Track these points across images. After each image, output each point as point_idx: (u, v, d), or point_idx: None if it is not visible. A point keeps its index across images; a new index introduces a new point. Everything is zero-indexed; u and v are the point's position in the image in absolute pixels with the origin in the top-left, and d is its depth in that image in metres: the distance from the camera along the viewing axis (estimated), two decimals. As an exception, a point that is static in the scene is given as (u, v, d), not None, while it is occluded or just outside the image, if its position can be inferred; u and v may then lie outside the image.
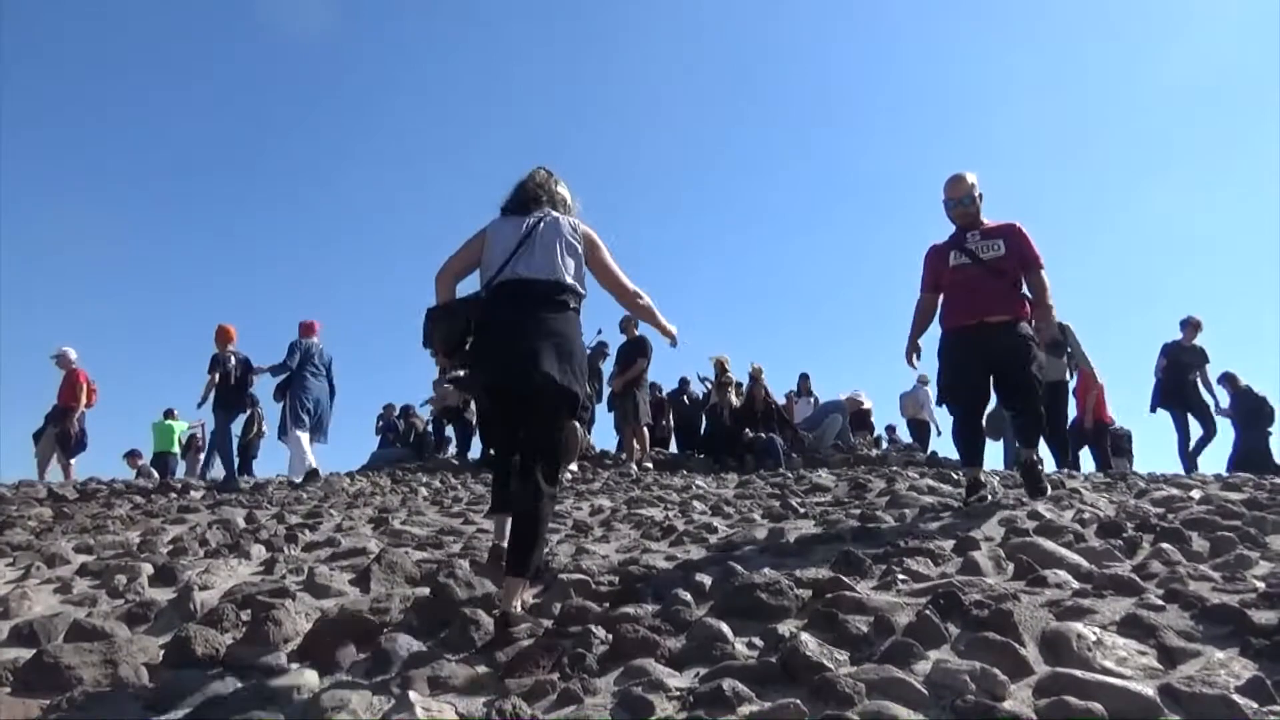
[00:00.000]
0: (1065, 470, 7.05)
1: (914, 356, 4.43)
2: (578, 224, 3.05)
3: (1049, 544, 3.12)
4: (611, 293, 3.17)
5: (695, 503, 5.21)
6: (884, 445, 11.22)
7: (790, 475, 6.51)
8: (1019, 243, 4.16)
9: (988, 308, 4.08)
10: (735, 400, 9.53)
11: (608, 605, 2.74)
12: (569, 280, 2.90)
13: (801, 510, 4.53)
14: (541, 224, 2.95)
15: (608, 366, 9.68)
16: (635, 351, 9.19)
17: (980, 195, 4.29)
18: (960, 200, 4.25)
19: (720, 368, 9.80)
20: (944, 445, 11.71)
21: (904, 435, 12.79)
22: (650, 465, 8.84)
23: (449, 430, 11.42)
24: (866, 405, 12.01)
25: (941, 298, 4.35)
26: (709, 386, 10.32)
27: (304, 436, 8.14)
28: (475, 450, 10.56)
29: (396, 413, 12.25)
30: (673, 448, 10.94)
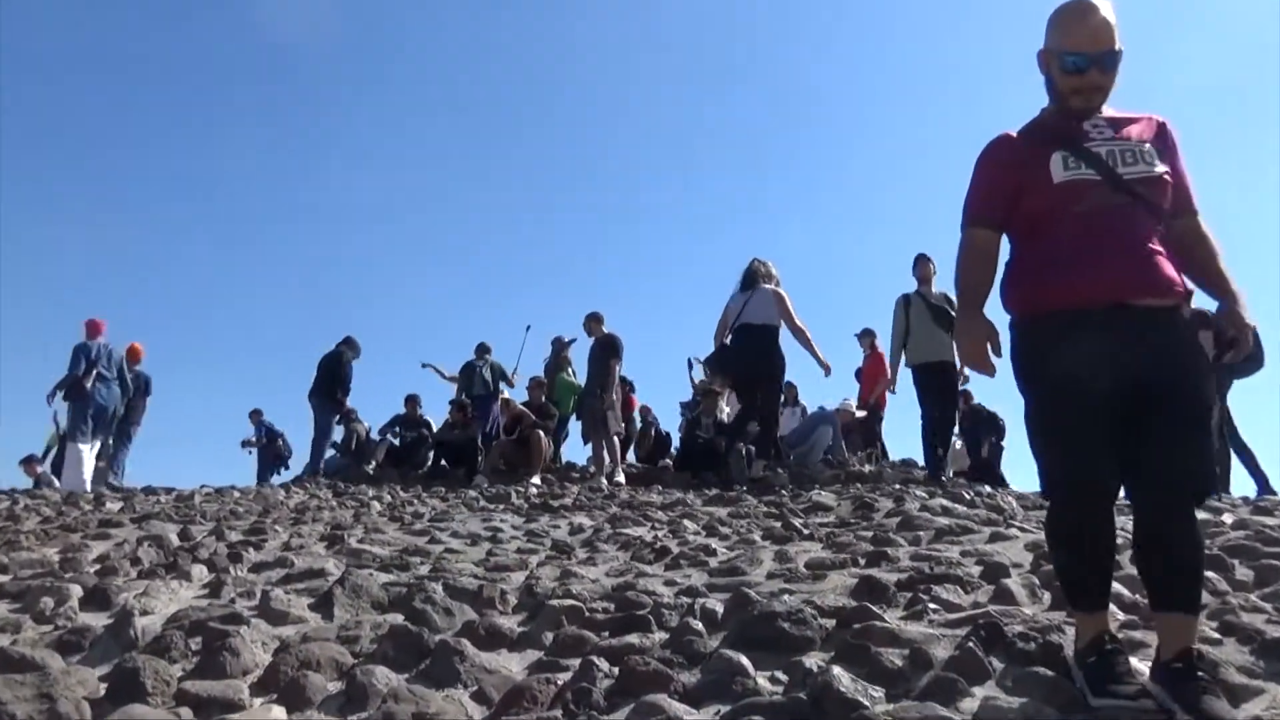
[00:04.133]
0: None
1: (994, 347, 2.26)
2: (774, 290, 7.71)
3: (1084, 571, 3.13)
4: (788, 327, 7.66)
5: (686, 521, 5.18)
6: (876, 460, 11.29)
7: (785, 493, 6.50)
8: (1175, 157, 2.26)
9: (1140, 275, 2.11)
10: (725, 406, 9.52)
11: (608, 634, 2.69)
12: (771, 323, 7.62)
13: (805, 531, 4.52)
14: (755, 293, 7.66)
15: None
16: (607, 353, 9.09)
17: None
18: (1098, 60, 2.17)
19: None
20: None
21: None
22: (622, 480, 8.67)
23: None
24: (859, 415, 12.07)
25: (1015, 242, 2.35)
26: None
27: (84, 449, 9.00)
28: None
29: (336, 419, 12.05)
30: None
